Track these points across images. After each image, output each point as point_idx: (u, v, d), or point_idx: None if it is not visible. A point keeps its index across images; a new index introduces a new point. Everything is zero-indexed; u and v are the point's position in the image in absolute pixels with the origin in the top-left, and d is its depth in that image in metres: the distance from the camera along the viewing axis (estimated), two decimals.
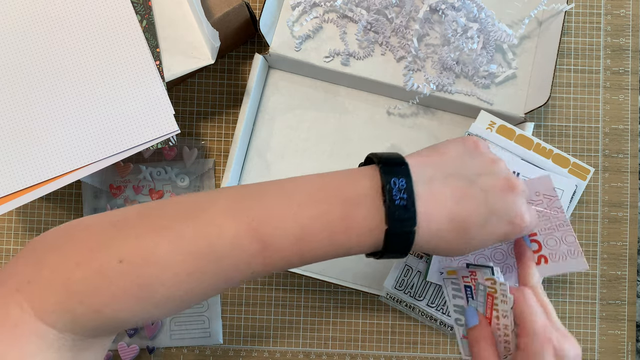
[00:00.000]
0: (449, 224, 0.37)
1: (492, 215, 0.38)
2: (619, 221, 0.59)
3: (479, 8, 0.55)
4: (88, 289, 0.32)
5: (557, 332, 0.42)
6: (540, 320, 0.42)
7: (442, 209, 0.37)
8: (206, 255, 0.33)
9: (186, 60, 0.50)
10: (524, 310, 0.42)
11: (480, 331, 0.45)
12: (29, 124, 0.49)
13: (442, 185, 0.37)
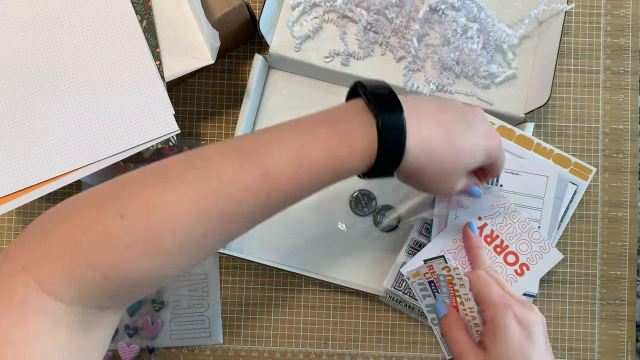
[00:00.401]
0: (437, 128, 0.38)
1: (469, 127, 0.40)
2: (619, 221, 0.59)
3: (479, 8, 0.55)
4: (94, 252, 0.31)
5: (515, 300, 0.45)
6: (495, 290, 0.46)
7: (427, 115, 0.39)
8: (210, 194, 0.33)
9: (186, 60, 0.51)
10: (479, 286, 0.46)
11: (450, 318, 0.48)
12: (29, 124, 0.49)
13: (423, 101, 0.40)
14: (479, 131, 0.41)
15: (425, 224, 0.55)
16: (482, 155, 0.41)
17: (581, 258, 0.59)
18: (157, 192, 0.32)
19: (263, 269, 0.58)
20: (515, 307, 0.44)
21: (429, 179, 0.40)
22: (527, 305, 0.46)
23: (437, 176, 0.40)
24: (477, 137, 0.41)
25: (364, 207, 0.58)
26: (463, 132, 0.40)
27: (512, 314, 0.44)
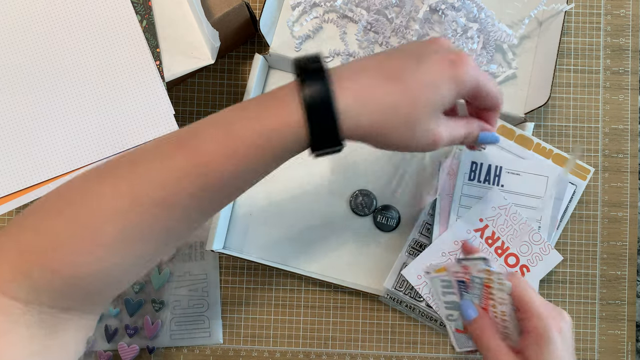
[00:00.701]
0: (378, 78, 0.34)
1: (420, 61, 0.35)
2: (619, 221, 0.59)
3: (479, 8, 0.55)
4: (39, 248, 0.31)
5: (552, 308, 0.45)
6: (537, 299, 0.44)
7: (367, 69, 0.35)
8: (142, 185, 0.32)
9: (186, 60, 0.51)
10: (522, 294, 0.44)
11: (481, 321, 0.46)
12: (29, 124, 0.49)
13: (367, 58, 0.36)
14: (435, 61, 0.35)
15: (426, 224, 0.55)
16: (450, 86, 0.35)
17: (581, 258, 0.59)
18: (95, 187, 0.33)
19: (263, 269, 0.58)
20: (555, 318, 0.44)
21: (390, 134, 0.35)
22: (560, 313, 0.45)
23: (398, 128, 0.35)
24: (434, 68, 0.35)
25: (364, 207, 0.58)
26: (413, 69, 0.35)
27: (555, 326, 0.43)
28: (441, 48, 0.37)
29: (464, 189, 0.53)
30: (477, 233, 0.52)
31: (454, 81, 0.35)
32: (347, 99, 0.33)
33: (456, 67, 0.35)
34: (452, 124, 0.38)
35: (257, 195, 0.58)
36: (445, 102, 0.36)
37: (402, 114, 0.34)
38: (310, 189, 0.58)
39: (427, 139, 0.36)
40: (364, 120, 0.34)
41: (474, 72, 0.36)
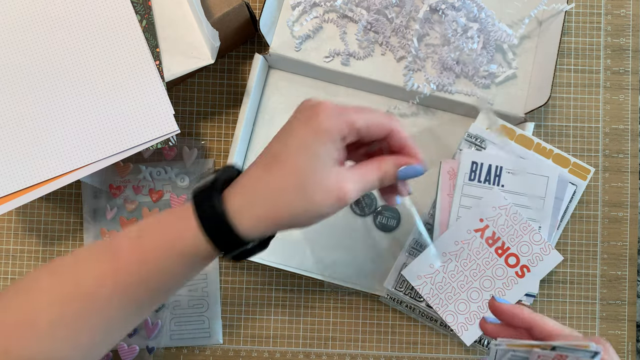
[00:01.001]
0: (262, 163, 0.36)
1: (290, 127, 0.36)
2: (619, 221, 0.59)
3: (479, 8, 0.55)
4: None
5: None
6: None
7: (254, 162, 0.36)
8: (67, 291, 0.37)
9: (186, 60, 0.50)
10: None
11: None
12: (29, 124, 0.49)
13: (254, 165, 0.37)
14: (296, 126, 0.35)
15: (426, 224, 0.55)
16: (318, 141, 0.34)
17: (581, 258, 0.59)
18: (36, 283, 0.37)
19: (263, 269, 0.58)
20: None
21: (294, 213, 0.35)
22: None
23: (295, 206, 0.35)
24: (298, 132, 0.35)
25: (364, 207, 0.58)
26: (284, 144, 0.35)
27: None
28: (302, 110, 0.36)
29: (464, 189, 0.53)
30: (477, 233, 0.52)
31: (318, 135, 0.34)
32: (237, 200, 0.35)
33: (313, 120, 0.35)
34: (359, 172, 0.36)
35: None
36: (326, 158, 0.35)
37: (291, 191, 0.34)
38: None
39: (332, 199, 0.35)
40: (260, 212, 0.35)
41: (334, 115, 0.35)
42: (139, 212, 0.58)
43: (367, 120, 0.36)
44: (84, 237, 0.58)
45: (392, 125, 0.36)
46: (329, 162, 0.35)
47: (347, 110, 0.35)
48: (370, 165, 0.37)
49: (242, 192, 0.35)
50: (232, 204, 0.35)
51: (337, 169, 0.35)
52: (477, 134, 0.54)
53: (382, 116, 0.36)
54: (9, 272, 0.59)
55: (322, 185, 0.34)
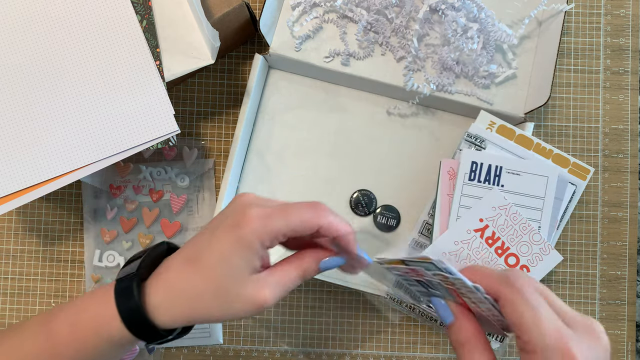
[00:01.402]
0: (183, 258, 0.37)
1: (217, 226, 0.37)
2: (619, 221, 0.59)
3: (479, 8, 0.55)
4: None
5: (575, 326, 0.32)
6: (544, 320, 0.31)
7: (177, 253, 0.38)
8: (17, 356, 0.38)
9: (186, 60, 0.51)
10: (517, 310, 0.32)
11: (461, 331, 0.35)
12: (29, 124, 0.49)
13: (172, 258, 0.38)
14: (222, 230, 0.36)
15: (426, 224, 0.55)
16: (240, 251, 0.35)
17: (581, 258, 0.59)
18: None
19: None
20: (577, 350, 0.30)
21: (210, 316, 0.36)
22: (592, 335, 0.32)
23: (212, 311, 0.36)
24: (222, 237, 0.36)
25: (364, 207, 0.58)
26: (206, 244, 0.36)
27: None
28: (230, 213, 0.37)
29: (464, 189, 0.53)
30: (477, 233, 0.52)
31: (240, 245, 0.35)
32: (157, 297, 0.36)
33: (240, 229, 0.35)
34: (277, 275, 0.37)
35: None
36: (243, 267, 0.35)
37: (210, 298, 0.35)
38: (310, 189, 0.58)
39: (249, 307, 0.36)
40: (178, 312, 0.36)
41: (258, 227, 0.35)
42: (139, 212, 0.58)
43: (293, 224, 0.36)
44: (84, 237, 0.58)
45: (320, 222, 0.36)
46: (247, 272, 0.36)
47: (272, 218, 0.36)
48: (290, 265, 0.38)
49: (163, 287, 0.36)
50: (152, 298, 0.36)
51: (256, 277, 0.36)
52: (477, 134, 0.54)
53: (310, 214, 0.36)
54: (9, 272, 0.59)
55: (240, 295, 0.35)
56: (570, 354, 0.30)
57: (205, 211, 0.58)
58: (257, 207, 0.36)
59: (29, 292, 0.59)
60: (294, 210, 0.36)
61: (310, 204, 0.37)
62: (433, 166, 0.58)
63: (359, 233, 0.58)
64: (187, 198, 0.58)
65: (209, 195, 0.58)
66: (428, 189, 0.58)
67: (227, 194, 0.54)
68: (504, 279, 0.33)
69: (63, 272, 0.59)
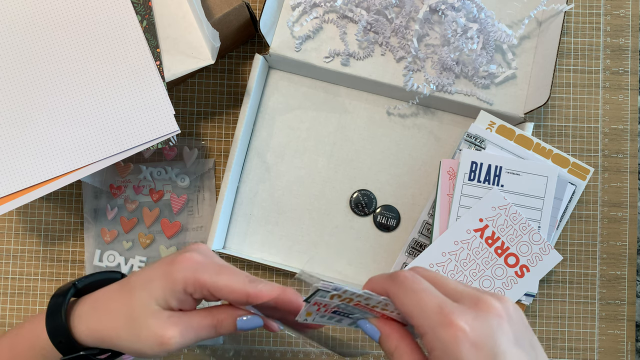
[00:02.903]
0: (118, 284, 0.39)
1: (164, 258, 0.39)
2: (619, 221, 0.59)
3: (478, 8, 0.55)
4: None
5: (463, 301, 0.32)
6: (427, 299, 0.31)
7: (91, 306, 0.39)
8: None
9: (186, 61, 0.51)
10: (401, 299, 0.32)
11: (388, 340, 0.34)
12: (29, 124, 0.49)
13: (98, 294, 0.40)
14: (161, 260, 0.38)
15: (426, 224, 0.55)
16: (162, 282, 0.36)
17: (581, 258, 0.59)
18: None
19: (263, 268, 0.58)
20: (463, 323, 0.30)
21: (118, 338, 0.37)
22: (480, 307, 0.31)
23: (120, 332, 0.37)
24: (156, 265, 0.38)
25: (364, 207, 0.58)
26: (141, 271, 0.38)
27: (460, 335, 0.30)
28: (180, 250, 0.39)
29: (464, 189, 0.53)
30: (477, 233, 0.52)
31: (166, 278, 0.36)
32: (85, 306, 0.38)
33: (172, 264, 0.36)
34: (189, 319, 0.37)
35: (258, 196, 0.58)
36: (159, 299, 0.36)
37: (121, 317, 0.36)
38: (310, 189, 0.58)
39: (152, 341, 0.36)
40: (92, 325, 0.37)
41: (189, 270, 0.36)
42: (140, 212, 0.58)
43: (219, 284, 0.36)
44: (85, 237, 0.58)
45: (248, 290, 0.36)
46: (161, 305, 0.36)
47: (204, 269, 0.36)
48: (202, 314, 0.38)
49: (89, 300, 0.38)
50: (77, 309, 0.38)
51: (167, 315, 0.36)
52: (477, 134, 0.54)
53: (241, 282, 0.36)
54: (9, 272, 0.59)
55: (149, 325, 0.36)
56: (454, 324, 0.30)
57: (206, 211, 0.58)
58: (199, 255, 0.37)
59: (29, 292, 0.59)
60: (227, 274, 0.36)
61: (246, 274, 0.38)
62: (433, 166, 0.58)
63: (359, 233, 0.58)
64: (187, 198, 0.58)
65: (209, 195, 0.58)
66: (428, 189, 0.58)
67: (227, 194, 0.54)
68: (389, 278, 0.33)
69: (63, 272, 0.59)
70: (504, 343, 0.30)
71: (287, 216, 0.58)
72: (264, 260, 0.56)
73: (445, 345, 0.30)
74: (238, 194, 0.58)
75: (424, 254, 0.53)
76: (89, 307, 0.38)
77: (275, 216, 0.58)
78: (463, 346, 0.30)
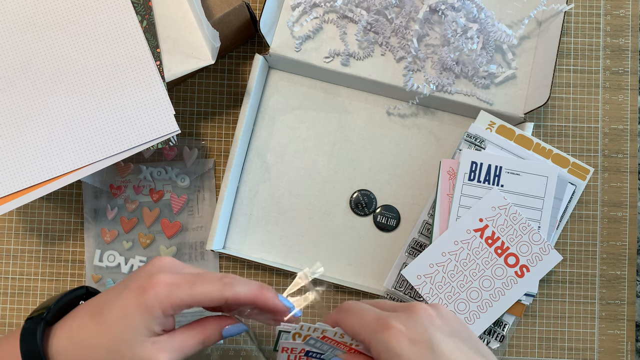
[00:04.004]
0: (88, 311, 0.38)
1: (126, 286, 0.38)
2: (619, 221, 0.59)
3: (478, 8, 0.55)
4: None
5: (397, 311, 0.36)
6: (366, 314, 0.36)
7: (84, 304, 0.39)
8: None
9: (186, 61, 0.51)
10: (346, 322, 0.37)
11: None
12: (29, 124, 0.49)
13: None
14: (129, 291, 0.37)
15: (426, 224, 0.55)
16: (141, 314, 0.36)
17: (581, 258, 0.59)
18: None
19: (263, 268, 0.58)
20: (397, 323, 0.35)
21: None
22: (412, 310, 0.36)
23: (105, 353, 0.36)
24: (126, 298, 0.37)
25: (364, 207, 0.58)
26: (112, 302, 0.37)
27: (397, 334, 0.34)
28: (144, 273, 0.38)
29: (464, 189, 0.53)
30: (477, 233, 0.52)
31: (142, 308, 0.36)
32: (59, 343, 0.37)
33: (144, 293, 0.36)
34: (177, 341, 0.38)
35: (258, 196, 0.58)
36: (141, 329, 0.36)
37: (103, 352, 0.36)
38: (310, 189, 0.58)
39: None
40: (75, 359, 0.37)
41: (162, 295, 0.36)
42: (140, 212, 0.58)
43: (197, 297, 0.37)
44: (85, 237, 0.58)
45: (225, 295, 0.37)
46: (145, 335, 0.36)
47: (178, 288, 0.36)
48: (191, 331, 0.39)
49: (65, 335, 0.37)
50: (54, 343, 0.37)
51: (153, 340, 0.36)
52: (477, 134, 0.54)
53: (215, 288, 0.37)
54: (9, 272, 0.59)
55: (135, 356, 0.36)
56: (390, 326, 0.34)
57: (206, 211, 0.58)
58: (167, 275, 0.37)
59: (29, 292, 0.59)
60: (200, 284, 0.37)
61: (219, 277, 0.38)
62: (433, 166, 0.58)
63: (359, 233, 0.58)
64: (187, 198, 0.58)
65: (209, 195, 0.59)
66: (428, 189, 0.58)
67: (227, 194, 0.54)
68: (336, 310, 0.38)
69: (63, 272, 0.59)
70: (438, 335, 0.35)
71: (287, 216, 0.58)
72: (264, 260, 0.56)
73: (386, 346, 0.34)
74: (238, 194, 0.58)
75: (423, 254, 0.53)
76: (66, 342, 0.37)
77: (275, 216, 0.58)
78: (402, 343, 0.34)
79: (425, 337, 0.34)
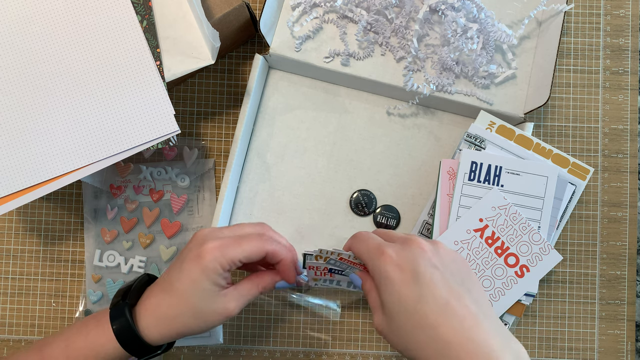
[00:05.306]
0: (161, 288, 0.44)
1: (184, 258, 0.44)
2: (619, 221, 0.59)
3: (478, 8, 0.55)
4: None
5: (395, 243, 0.43)
6: (370, 242, 0.43)
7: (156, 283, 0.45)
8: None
9: (186, 61, 0.51)
10: (355, 248, 0.44)
11: (365, 283, 0.45)
12: (29, 124, 0.49)
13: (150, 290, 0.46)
14: (189, 260, 0.43)
15: (426, 224, 0.55)
16: (205, 276, 0.42)
17: (581, 258, 0.59)
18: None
19: None
20: (391, 251, 0.41)
21: (190, 331, 0.44)
22: (408, 242, 0.42)
23: (191, 327, 0.43)
24: (189, 267, 0.43)
25: (364, 207, 0.58)
26: (177, 275, 0.43)
27: (388, 260, 0.41)
28: (192, 247, 0.44)
29: (464, 189, 0.53)
30: (477, 233, 0.52)
31: (205, 271, 0.42)
32: (145, 321, 0.43)
33: (202, 259, 0.42)
34: (241, 291, 0.45)
35: (258, 196, 0.58)
36: (212, 288, 0.43)
37: (188, 317, 0.43)
38: (310, 189, 0.58)
39: (219, 317, 0.44)
40: (164, 331, 0.43)
41: (217, 256, 0.42)
42: (140, 212, 0.58)
43: (245, 252, 0.43)
44: (85, 237, 0.58)
45: (266, 249, 0.44)
46: (215, 291, 0.43)
47: (228, 248, 0.43)
48: (251, 282, 0.46)
49: (149, 312, 0.43)
50: (141, 321, 0.43)
51: (223, 293, 0.44)
52: (477, 134, 0.54)
53: (259, 243, 0.44)
54: (9, 272, 0.59)
55: (212, 310, 0.43)
56: (384, 253, 0.41)
57: (206, 211, 0.58)
58: (213, 240, 0.43)
59: (29, 292, 0.59)
60: (246, 242, 0.44)
61: (257, 228, 0.46)
62: (433, 166, 0.58)
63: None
64: (187, 198, 0.58)
65: (209, 195, 0.59)
66: (428, 189, 0.58)
67: (227, 194, 0.54)
68: (351, 237, 0.45)
69: (63, 272, 0.59)
70: (423, 265, 0.40)
71: (287, 216, 0.58)
72: None
73: (378, 269, 0.41)
74: (238, 194, 0.58)
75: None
76: (153, 319, 0.43)
77: (275, 216, 0.58)
78: (390, 267, 0.40)
79: (412, 266, 0.40)
